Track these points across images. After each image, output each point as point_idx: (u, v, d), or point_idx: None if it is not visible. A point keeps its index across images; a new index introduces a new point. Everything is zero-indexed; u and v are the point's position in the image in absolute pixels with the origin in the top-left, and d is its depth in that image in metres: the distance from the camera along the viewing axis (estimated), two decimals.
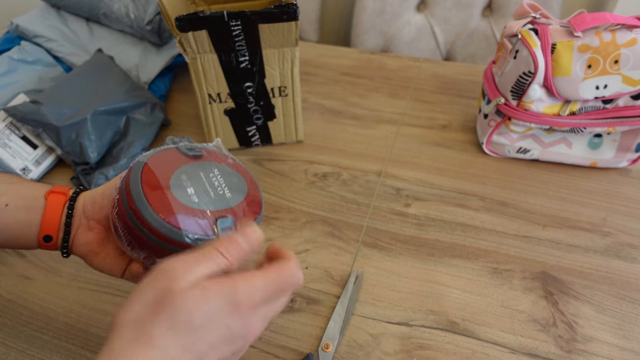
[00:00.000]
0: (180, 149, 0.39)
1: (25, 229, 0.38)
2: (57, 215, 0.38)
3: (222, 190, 0.38)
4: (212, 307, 0.27)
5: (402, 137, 0.70)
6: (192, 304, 0.26)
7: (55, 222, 0.38)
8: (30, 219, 0.38)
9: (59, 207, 0.38)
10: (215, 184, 0.38)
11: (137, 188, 0.34)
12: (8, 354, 0.45)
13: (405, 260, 0.53)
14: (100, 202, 0.38)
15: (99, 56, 0.72)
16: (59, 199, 0.38)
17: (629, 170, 0.64)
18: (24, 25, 0.75)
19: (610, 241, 0.55)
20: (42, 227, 0.38)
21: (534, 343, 0.45)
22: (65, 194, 0.39)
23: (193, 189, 0.36)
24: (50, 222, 0.38)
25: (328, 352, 0.44)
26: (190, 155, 0.39)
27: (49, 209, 0.38)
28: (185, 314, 0.26)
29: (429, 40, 1.07)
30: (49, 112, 0.61)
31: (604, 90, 0.55)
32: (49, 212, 0.38)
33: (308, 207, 0.60)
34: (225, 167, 0.40)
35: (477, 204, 0.59)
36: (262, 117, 0.65)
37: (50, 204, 0.38)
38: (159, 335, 0.26)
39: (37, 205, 0.38)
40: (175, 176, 0.36)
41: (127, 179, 0.35)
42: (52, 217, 0.38)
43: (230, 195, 0.38)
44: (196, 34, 0.53)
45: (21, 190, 0.38)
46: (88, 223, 0.39)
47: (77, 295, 0.50)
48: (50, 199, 0.38)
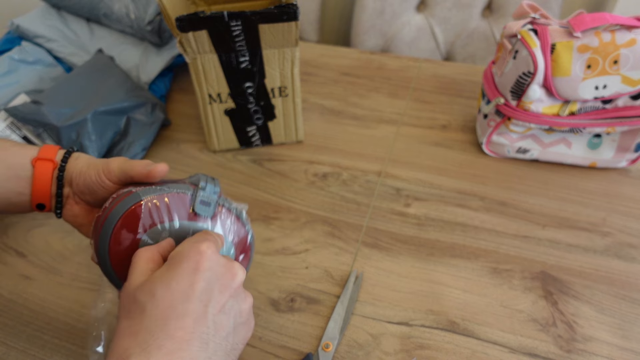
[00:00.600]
0: (193, 198, 0.36)
1: (17, 197, 0.38)
2: (47, 184, 0.38)
3: None
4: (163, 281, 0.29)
5: (402, 137, 0.70)
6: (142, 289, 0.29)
7: (46, 191, 0.38)
8: (20, 188, 0.37)
9: (47, 176, 0.37)
10: None
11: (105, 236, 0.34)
12: (8, 354, 0.45)
13: (405, 260, 0.53)
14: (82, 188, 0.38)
15: (99, 56, 0.72)
16: (46, 167, 0.38)
17: (629, 170, 0.64)
18: (24, 26, 0.75)
19: (610, 241, 0.55)
20: (33, 197, 0.38)
21: (534, 343, 0.45)
22: (52, 160, 0.38)
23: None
24: (40, 192, 0.38)
25: (328, 352, 0.44)
26: (196, 211, 0.35)
27: (37, 178, 0.37)
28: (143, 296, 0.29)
29: (429, 41, 1.07)
30: (50, 112, 0.61)
31: (603, 90, 0.55)
32: (37, 182, 0.37)
33: (308, 207, 0.60)
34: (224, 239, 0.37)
35: (477, 204, 0.59)
36: (262, 117, 0.65)
37: (38, 173, 0.37)
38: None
39: (26, 175, 0.37)
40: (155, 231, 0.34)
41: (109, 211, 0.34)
42: (42, 186, 0.37)
43: None
44: (196, 34, 0.53)
45: (7, 158, 0.37)
46: (74, 197, 0.39)
47: (77, 295, 0.50)
48: (37, 167, 0.37)
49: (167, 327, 0.27)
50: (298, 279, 0.51)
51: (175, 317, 0.28)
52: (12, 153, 0.38)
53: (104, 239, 0.34)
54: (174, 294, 0.28)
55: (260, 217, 0.58)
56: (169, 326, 0.27)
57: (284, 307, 0.49)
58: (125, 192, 0.35)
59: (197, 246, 0.31)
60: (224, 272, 0.31)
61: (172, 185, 0.36)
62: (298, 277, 0.52)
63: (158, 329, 0.27)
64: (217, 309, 0.30)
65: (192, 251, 0.30)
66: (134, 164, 0.37)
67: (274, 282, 0.51)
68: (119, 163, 0.37)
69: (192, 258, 0.30)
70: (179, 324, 0.28)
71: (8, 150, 0.38)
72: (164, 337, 0.27)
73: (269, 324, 0.47)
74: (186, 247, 0.31)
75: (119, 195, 0.35)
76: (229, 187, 0.63)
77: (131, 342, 0.27)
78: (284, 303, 0.49)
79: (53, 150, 0.38)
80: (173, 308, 0.28)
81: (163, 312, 0.28)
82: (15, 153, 0.38)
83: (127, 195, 0.35)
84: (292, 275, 0.52)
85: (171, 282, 0.29)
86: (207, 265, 0.30)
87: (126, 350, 0.27)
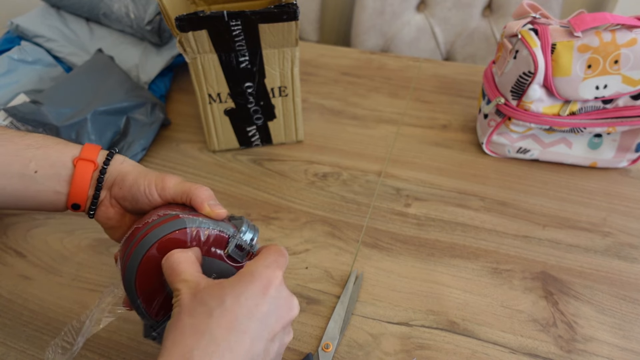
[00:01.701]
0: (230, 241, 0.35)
1: (54, 196, 0.38)
2: (85, 185, 0.38)
3: None
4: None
5: (402, 137, 0.70)
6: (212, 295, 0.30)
7: (84, 192, 0.38)
8: (59, 188, 0.38)
9: (86, 177, 0.38)
10: None
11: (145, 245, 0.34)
12: (8, 354, 0.45)
13: (405, 260, 0.53)
14: (125, 194, 0.38)
15: (99, 56, 0.72)
16: (87, 168, 0.38)
17: (629, 170, 0.64)
18: (24, 25, 0.75)
19: (610, 241, 0.55)
20: (70, 197, 0.38)
21: (534, 343, 0.45)
22: (93, 161, 0.38)
23: None
24: (78, 193, 0.38)
25: (328, 352, 0.44)
26: (231, 256, 0.35)
27: (77, 179, 0.37)
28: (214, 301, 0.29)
29: (429, 40, 1.07)
30: (49, 112, 0.61)
31: (603, 90, 0.55)
32: (76, 182, 0.37)
33: (308, 207, 0.60)
34: None
35: (477, 204, 0.59)
36: (262, 117, 0.65)
37: (78, 173, 0.37)
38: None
39: (66, 173, 0.37)
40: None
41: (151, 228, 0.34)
42: (80, 187, 0.38)
43: None
44: (196, 34, 0.53)
45: (50, 155, 0.37)
46: (110, 201, 0.39)
47: (77, 295, 0.50)
48: (78, 167, 0.37)
49: (230, 338, 0.28)
50: (298, 279, 0.51)
51: (238, 332, 0.29)
52: (55, 150, 0.38)
53: (138, 254, 0.34)
54: (242, 308, 0.29)
55: (260, 217, 0.58)
56: (231, 338, 0.28)
57: None
58: (172, 214, 0.35)
59: (271, 271, 0.32)
60: (284, 304, 0.32)
61: (217, 223, 0.36)
62: (298, 277, 0.52)
63: (222, 338, 0.28)
64: (270, 336, 0.31)
65: (265, 274, 0.31)
66: (199, 191, 0.36)
67: None
68: (177, 183, 0.37)
69: (263, 280, 0.31)
70: (239, 338, 0.29)
71: (51, 148, 0.38)
72: (226, 347, 0.28)
73: None
74: (260, 268, 0.32)
75: (165, 215, 0.35)
76: (229, 187, 0.63)
77: (196, 343, 0.28)
78: None
79: (95, 151, 0.38)
80: (238, 322, 0.29)
81: (229, 322, 0.29)
82: (57, 149, 0.38)
83: (173, 218, 0.34)
84: (292, 275, 0.52)
85: (241, 296, 0.30)
86: (274, 293, 0.31)
87: (191, 351, 0.27)
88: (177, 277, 0.31)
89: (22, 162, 0.36)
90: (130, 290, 0.35)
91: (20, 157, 0.36)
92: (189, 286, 0.31)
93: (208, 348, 0.27)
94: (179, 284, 0.31)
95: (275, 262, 0.33)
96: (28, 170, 0.36)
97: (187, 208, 0.37)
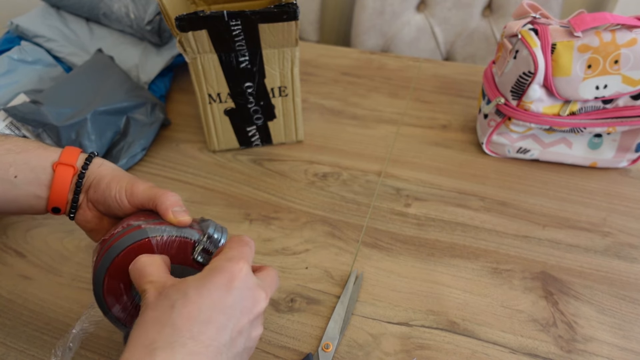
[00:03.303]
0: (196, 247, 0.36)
1: (34, 200, 0.38)
2: (65, 190, 0.38)
3: None
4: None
5: (402, 137, 0.70)
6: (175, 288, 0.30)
7: (63, 196, 0.38)
8: (39, 192, 0.38)
9: (66, 181, 0.38)
10: None
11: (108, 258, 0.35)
12: (8, 354, 0.45)
13: (405, 260, 0.53)
14: (98, 198, 0.38)
15: (99, 56, 0.72)
16: (66, 172, 0.38)
17: (629, 170, 0.64)
18: (24, 25, 0.75)
19: (610, 241, 0.55)
20: (50, 201, 0.38)
21: (534, 343, 0.45)
22: (73, 165, 0.38)
23: None
24: (57, 197, 0.38)
25: (328, 352, 0.44)
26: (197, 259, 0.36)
27: (57, 183, 0.38)
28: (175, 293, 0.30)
29: (429, 40, 1.07)
30: (49, 112, 0.61)
31: (604, 90, 0.55)
32: (56, 187, 0.38)
33: (308, 207, 0.60)
34: None
35: (477, 204, 0.59)
36: (262, 117, 0.65)
37: (58, 177, 0.38)
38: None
39: (46, 178, 0.38)
40: None
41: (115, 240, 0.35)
42: (60, 192, 0.38)
43: None
44: (196, 33, 0.53)
45: (30, 160, 0.38)
46: (87, 204, 0.40)
47: (77, 295, 0.50)
48: (58, 171, 0.38)
49: (192, 328, 0.28)
50: (298, 279, 0.51)
51: (201, 322, 0.29)
52: (36, 155, 0.38)
53: (103, 266, 0.35)
54: (205, 300, 0.29)
55: (260, 217, 0.58)
56: (194, 328, 0.28)
57: (284, 308, 0.49)
58: (135, 225, 0.35)
59: (234, 264, 0.32)
60: (249, 296, 0.32)
61: (181, 230, 0.36)
62: (298, 277, 0.52)
63: (184, 328, 0.28)
64: (236, 328, 0.31)
65: (227, 267, 0.31)
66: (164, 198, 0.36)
67: None
68: (145, 189, 0.37)
69: (226, 274, 0.31)
70: (203, 329, 0.29)
71: (31, 152, 0.38)
72: (189, 336, 0.28)
73: (269, 324, 0.47)
74: (223, 262, 0.32)
75: (129, 226, 0.35)
76: (229, 187, 0.63)
77: (158, 335, 0.28)
78: (284, 303, 0.49)
79: (74, 154, 0.39)
80: (201, 312, 0.29)
81: (191, 312, 0.29)
82: (38, 155, 0.38)
83: (135, 229, 0.35)
84: (292, 275, 0.52)
85: (203, 289, 0.30)
86: (238, 285, 0.31)
87: (153, 342, 0.27)
88: (143, 279, 0.32)
89: (1, 167, 0.37)
90: (99, 300, 0.36)
91: (0, 162, 0.37)
92: (155, 286, 0.31)
93: (170, 338, 0.28)
94: (146, 285, 0.31)
95: (240, 254, 0.33)
96: (8, 175, 0.37)
97: (154, 215, 0.37)
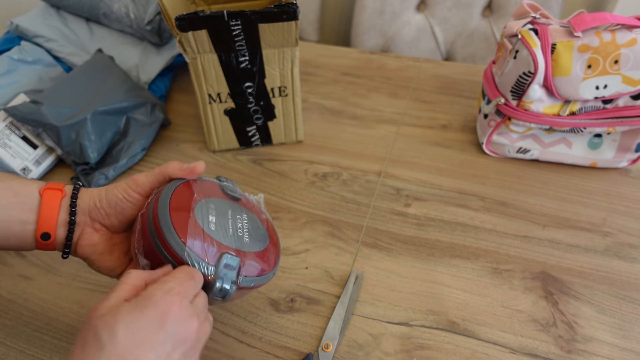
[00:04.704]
0: (221, 186, 0.42)
1: (20, 227, 0.36)
2: (54, 212, 0.36)
3: (242, 233, 0.38)
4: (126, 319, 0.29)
5: (402, 137, 0.70)
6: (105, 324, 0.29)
7: (53, 219, 0.36)
8: (25, 217, 0.36)
9: (55, 204, 0.37)
10: (238, 225, 0.39)
11: (166, 197, 0.36)
12: (8, 354, 0.45)
13: (405, 260, 0.53)
14: (107, 210, 0.38)
15: (99, 56, 0.72)
16: (55, 195, 0.37)
17: (629, 170, 0.64)
18: (24, 25, 0.75)
19: (610, 241, 0.55)
20: (39, 225, 0.36)
21: (534, 343, 0.45)
22: (61, 189, 0.37)
23: (215, 219, 0.37)
24: (47, 219, 0.36)
25: (328, 352, 0.44)
26: (228, 194, 0.41)
27: (45, 205, 0.36)
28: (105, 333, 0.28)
29: (429, 40, 1.07)
30: (49, 112, 0.61)
31: (604, 90, 0.55)
32: (45, 208, 0.36)
33: (308, 207, 0.60)
34: (255, 217, 0.42)
35: (477, 204, 0.59)
36: (262, 117, 0.65)
37: (46, 200, 0.36)
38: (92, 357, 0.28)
39: (32, 203, 0.36)
40: (205, 202, 0.38)
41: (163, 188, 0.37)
42: (49, 213, 0.36)
43: (248, 241, 0.38)
44: (196, 33, 0.53)
45: (13, 186, 0.36)
46: (93, 224, 0.38)
47: (77, 295, 0.50)
48: (45, 195, 0.37)
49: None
50: (298, 279, 0.51)
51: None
52: (19, 182, 0.37)
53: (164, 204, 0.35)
54: (135, 339, 0.29)
55: None
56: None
57: (284, 308, 0.49)
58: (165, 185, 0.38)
59: (169, 298, 0.31)
60: (181, 331, 0.31)
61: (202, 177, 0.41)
62: (298, 277, 0.52)
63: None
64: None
65: (162, 301, 0.30)
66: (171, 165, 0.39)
67: (273, 282, 0.51)
68: (147, 174, 0.39)
69: (159, 308, 0.30)
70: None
71: (14, 180, 0.37)
72: None
73: (269, 324, 0.47)
74: (159, 294, 0.31)
75: (160, 188, 0.38)
76: None
77: None
78: (284, 303, 0.49)
79: (61, 183, 0.39)
80: (130, 353, 0.28)
81: (120, 355, 0.28)
82: (22, 182, 0.37)
83: (169, 182, 0.38)
84: (292, 275, 0.52)
85: (134, 325, 0.29)
86: (171, 320, 0.30)
87: None
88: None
89: None
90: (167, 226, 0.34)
91: None
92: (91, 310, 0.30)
93: None
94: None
95: (179, 286, 0.31)
96: None
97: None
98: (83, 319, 0.48)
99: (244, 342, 0.46)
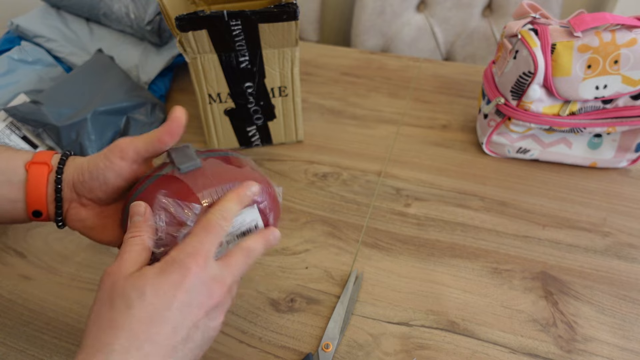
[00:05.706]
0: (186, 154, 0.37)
1: (11, 204, 0.36)
2: (42, 188, 0.36)
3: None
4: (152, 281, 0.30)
5: (402, 137, 0.70)
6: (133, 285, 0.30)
7: (42, 196, 0.36)
8: (13, 195, 0.35)
9: (42, 180, 0.36)
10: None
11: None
12: (8, 354, 0.45)
13: (405, 260, 0.53)
14: (89, 183, 0.36)
15: (99, 56, 0.72)
16: (41, 170, 0.36)
17: (629, 170, 0.64)
18: (24, 26, 0.75)
19: (610, 241, 0.55)
20: (28, 203, 0.36)
21: (534, 343, 0.45)
22: (47, 163, 0.36)
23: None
24: (36, 197, 0.36)
25: (328, 352, 0.44)
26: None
27: (32, 183, 0.35)
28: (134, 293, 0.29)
29: (429, 40, 1.07)
30: (49, 112, 0.61)
31: (603, 90, 0.55)
32: (32, 186, 0.35)
33: (308, 207, 0.60)
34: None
35: (477, 204, 0.59)
36: (262, 117, 0.65)
37: (32, 177, 0.35)
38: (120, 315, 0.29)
39: (19, 179, 0.35)
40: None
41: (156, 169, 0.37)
42: (37, 191, 0.35)
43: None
44: (196, 33, 0.53)
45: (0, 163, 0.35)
46: (80, 199, 0.37)
47: (77, 295, 0.50)
48: (31, 171, 0.35)
49: (149, 330, 0.29)
50: (298, 279, 0.51)
51: (157, 323, 0.29)
52: (5, 157, 0.36)
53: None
54: (161, 299, 0.30)
55: None
56: (151, 330, 0.29)
57: (284, 307, 0.49)
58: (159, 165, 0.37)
59: (191, 259, 0.31)
60: (204, 291, 0.32)
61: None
62: (298, 277, 0.52)
63: (141, 331, 0.28)
64: (192, 323, 0.31)
65: (184, 262, 0.31)
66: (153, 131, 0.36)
67: (273, 282, 0.51)
68: (131, 138, 0.36)
69: (182, 269, 0.31)
70: (159, 330, 0.29)
71: (1, 154, 0.36)
72: (145, 338, 0.28)
73: (269, 324, 0.47)
74: (182, 255, 0.31)
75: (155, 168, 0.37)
76: None
77: (114, 338, 0.28)
78: (284, 303, 0.49)
79: (48, 154, 0.37)
80: (157, 313, 0.29)
81: (148, 314, 0.29)
82: (8, 157, 0.36)
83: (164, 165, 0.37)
84: (292, 275, 0.52)
85: (160, 287, 0.30)
86: (193, 281, 0.31)
87: (109, 345, 0.28)
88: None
89: None
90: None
91: None
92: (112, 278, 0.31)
93: (127, 342, 0.28)
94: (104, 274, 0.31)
95: (199, 244, 0.32)
96: None
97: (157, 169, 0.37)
98: (83, 319, 0.48)
99: (244, 342, 0.46)
